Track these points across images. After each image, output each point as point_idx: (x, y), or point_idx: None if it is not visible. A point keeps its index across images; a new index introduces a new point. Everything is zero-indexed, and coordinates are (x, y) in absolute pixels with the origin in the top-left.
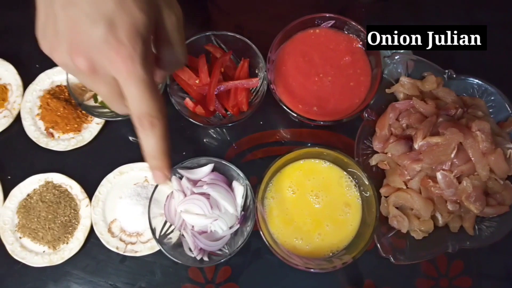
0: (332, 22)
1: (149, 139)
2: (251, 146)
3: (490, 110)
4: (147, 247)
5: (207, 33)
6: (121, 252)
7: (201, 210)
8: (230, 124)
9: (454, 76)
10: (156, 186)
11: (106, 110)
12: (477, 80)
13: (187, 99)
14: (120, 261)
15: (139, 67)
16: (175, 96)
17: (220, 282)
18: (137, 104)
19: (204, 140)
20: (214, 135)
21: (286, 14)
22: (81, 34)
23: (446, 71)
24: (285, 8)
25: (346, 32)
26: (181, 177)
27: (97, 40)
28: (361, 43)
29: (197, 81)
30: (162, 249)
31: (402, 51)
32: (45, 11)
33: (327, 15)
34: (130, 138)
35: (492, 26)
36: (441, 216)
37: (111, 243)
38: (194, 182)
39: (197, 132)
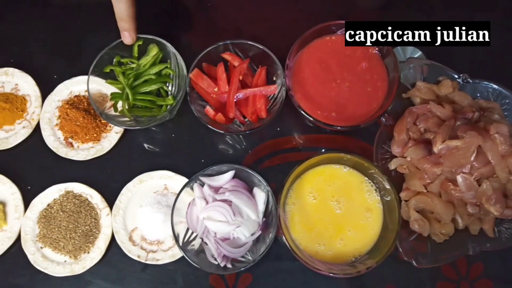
0: None
1: (119, 4)
2: (269, 152)
3: (505, 113)
4: (168, 255)
5: (226, 42)
6: (142, 261)
7: (224, 217)
8: (248, 131)
9: (470, 80)
10: (178, 194)
11: (126, 119)
12: (491, 84)
13: (208, 107)
14: (141, 269)
15: None
16: (195, 104)
17: None
18: None
19: (222, 147)
20: (232, 142)
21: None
22: None
23: (461, 75)
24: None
25: None
26: (202, 184)
27: None
28: (377, 49)
29: (215, 89)
30: (185, 256)
31: (416, 56)
32: None
33: (343, 22)
34: (144, 145)
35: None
36: (461, 219)
37: (133, 252)
38: (216, 189)
39: (215, 140)
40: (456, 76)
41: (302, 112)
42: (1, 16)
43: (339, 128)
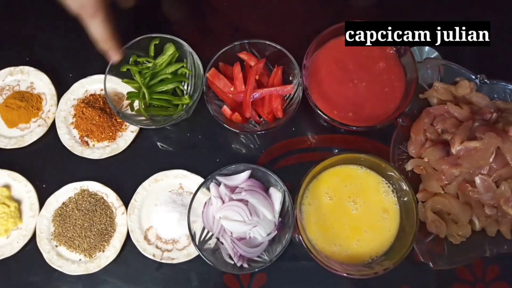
0: None
1: (94, 26)
2: (283, 152)
3: None
4: (183, 254)
5: (243, 41)
6: (157, 260)
7: (240, 216)
8: (264, 131)
9: (487, 81)
10: (195, 193)
11: (142, 118)
12: (509, 85)
13: (225, 107)
14: (156, 268)
15: None
16: (211, 103)
17: None
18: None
19: (237, 146)
20: (246, 142)
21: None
22: None
23: (478, 76)
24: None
25: None
26: (219, 184)
27: None
28: (394, 49)
29: (232, 89)
30: (202, 255)
31: (433, 56)
32: None
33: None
34: (159, 144)
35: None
36: (478, 220)
37: (148, 251)
38: (232, 189)
39: (229, 139)
40: (473, 77)
41: (319, 112)
42: (17, 15)
43: (354, 128)
